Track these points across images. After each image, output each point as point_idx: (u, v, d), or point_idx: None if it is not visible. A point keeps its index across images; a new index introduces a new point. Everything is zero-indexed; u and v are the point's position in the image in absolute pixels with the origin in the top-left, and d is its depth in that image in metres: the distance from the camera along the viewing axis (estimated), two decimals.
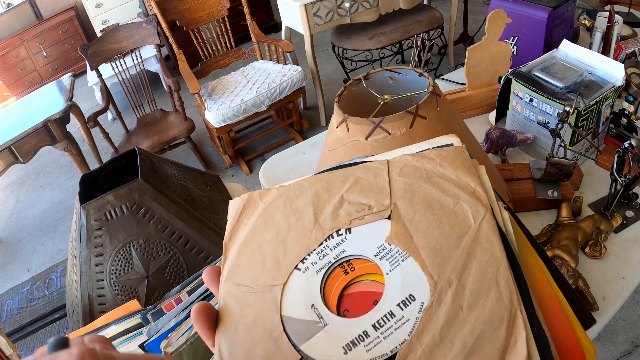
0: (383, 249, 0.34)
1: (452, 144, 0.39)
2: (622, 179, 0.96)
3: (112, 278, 0.77)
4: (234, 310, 0.34)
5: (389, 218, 0.35)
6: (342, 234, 0.36)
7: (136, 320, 0.65)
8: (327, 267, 0.34)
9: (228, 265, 0.37)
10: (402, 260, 0.33)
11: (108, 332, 0.65)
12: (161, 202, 0.80)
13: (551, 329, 0.31)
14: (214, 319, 0.34)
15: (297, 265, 0.35)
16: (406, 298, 0.31)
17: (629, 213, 1.02)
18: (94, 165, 3.08)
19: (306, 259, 0.35)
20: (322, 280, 0.34)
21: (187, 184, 0.92)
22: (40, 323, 1.01)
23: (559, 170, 0.98)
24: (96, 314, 0.77)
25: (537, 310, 0.31)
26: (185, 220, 0.81)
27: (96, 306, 0.77)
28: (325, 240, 0.36)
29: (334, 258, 0.35)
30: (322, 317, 0.32)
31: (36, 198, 3.47)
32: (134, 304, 0.66)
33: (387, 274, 0.33)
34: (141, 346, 0.61)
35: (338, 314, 0.33)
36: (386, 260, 0.33)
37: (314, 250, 0.35)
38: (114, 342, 0.65)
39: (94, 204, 0.76)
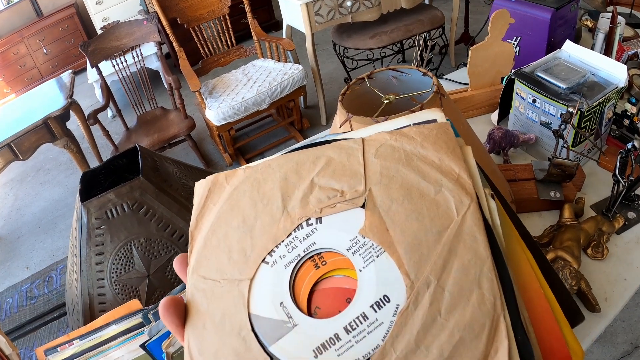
0: (356, 243, 0.31)
1: (435, 120, 0.35)
2: (624, 180, 0.95)
3: (113, 277, 0.77)
4: (201, 305, 0.32)
5: (363, 206, 0.32)
6: (312, 224, 0.32)
7: (137, 319, 0.64)
8: (296, 261, 0.32)
9: (194, 255, 0.34)
10: (377, 256, 0.30)
11: (109, 332, 0.65)
12: (163, 201, 0.79)
13: (537, 329, 0.30)
14: (182, 314, 0.33)
15: (264, 258, 0.32)
16: (380, 299, 0.29)
17: (631, 214, 1.01)
18: (93, 162, 3.08)
19: (274, 251, 0.32)
20: (291, 275, 0.31)
21: (189, 183, 0.92)
22: (40, 321, 1.01)
23: (562, 171, 0.98)
24: (96, 313, 0.77)
25: (523, 313, 0.28)
26: (187, 219, 0.80)
27: (96, 305, 0.77)
28: (295, 230, 0.33)
29: (304, 251, 0.32)
30: (291, 317, 0.30)
31: (35, 195, 3.46)
32: (134, 304, 0.66)
33: (360, 270, 0.30)
34: (142, 346, 0.60)
35: (309, 311, 0.31)
36: (359, 255, 0.30)
37: (283, 242, 0.33)
38: (115, 342, 0.65)
39: (95, 203, 0.76)
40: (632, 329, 1.85)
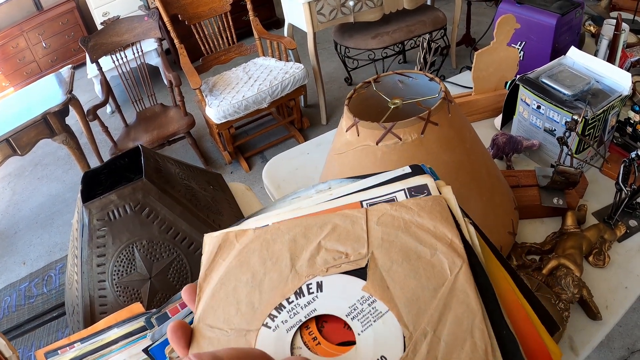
0: (355, 309, 0.34)
1: (425, 184, 0.39)
2: (627, 188, 0.95)
3: (114, 279, 0.76)
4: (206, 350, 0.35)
5: (365, 267, 0.35)
6: (313, 292, 0.35)
7: (139, 323, 0.64)
8: (298, 326, 0.34)
9: (202, 306, 0.37)
10: (374, 321, 0.33)
11: (110, 335, 0.64)
12: (165, 203, 0.79)
13: (518, 334, 0.33)
14: (189, 339, 0.35)
15: (266, 322, 0.35)
16: (378, 359, 0.31)
17: (633, 222, 1.01)
18: (92, 158, 3.07)
19: (276, 317, 0.35)
20: (294, 336, 0.34)
21: (191, 184, 0.91)
22: (39, 321, 1.00)
23: (566, 178, 0.98)
24: (97, 315, 0.76)
25: (505, 316, 0.32)
26: (190, 221, 0.80)
27: (97, 307, 0.76)
28: (297, 297, 0.35)
29: (305, 317, 0.34)
30: None
31: (33, 190, 3.45)
32: (137, 307, 0.65)
33: (359, 334, 0.32)
34: (145, 350, 0.60)
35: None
36: (358, 320, 0.33)
37: (285, 308, 0.35)
38: (117, 345, 0.64)
39: (97, 204, 0.75)
40: (629, 334, 1.85)
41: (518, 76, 1.14)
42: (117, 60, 2.89)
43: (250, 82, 2.85)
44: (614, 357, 1.80)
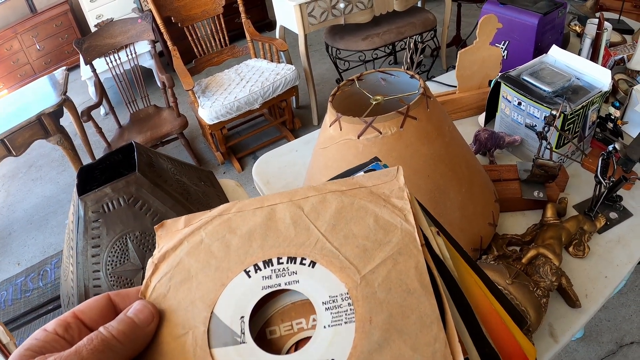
0: (334, 301, 0.31)
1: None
2: (606, 181, 0.98)
3: (109, 269, 0.79)
4: (190, 270, 0.34)
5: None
6: (305, 264, 0.33)
7: None
8: (273, 289, 0.33)
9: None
10: (345, 323, 0.30)
11: None
12: (158, 196, 0.81)
13: (494, 339, 0.33)
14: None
15: (248, 269, 0.33)
16: None
17: (613, 215, 1.04)
18: (86, 159, 3.08)
19: (260, 269, 0.33)
20: (261, 298, 0.32)
21: (183, 179, 0.94)
22: (34, 314, 1.02)
23: (545, 171, 1.01)
24: None
25: (484, 329, 0.32)
26: (181, 214, 0.82)
27: (92, 296, 0.79)
28: (289, 262, 0.33)
29: (285, 284, 0.32)
30: (243, 334, 0.31)
31: (27, 191, 3.46)
32: None
33: (325, 327, 0.31)
34: None
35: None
36: (330, 313, 0.31)
37: (272, 265, 0.33)
38: None
39: (92, 196, 0.78)
40: (617, 328, 1.88)
41: (500, 74, 1.17)
42: (111, 62, 2.91)
43: (242, 83, 2.88)
44: (603, 351, 1.83)
